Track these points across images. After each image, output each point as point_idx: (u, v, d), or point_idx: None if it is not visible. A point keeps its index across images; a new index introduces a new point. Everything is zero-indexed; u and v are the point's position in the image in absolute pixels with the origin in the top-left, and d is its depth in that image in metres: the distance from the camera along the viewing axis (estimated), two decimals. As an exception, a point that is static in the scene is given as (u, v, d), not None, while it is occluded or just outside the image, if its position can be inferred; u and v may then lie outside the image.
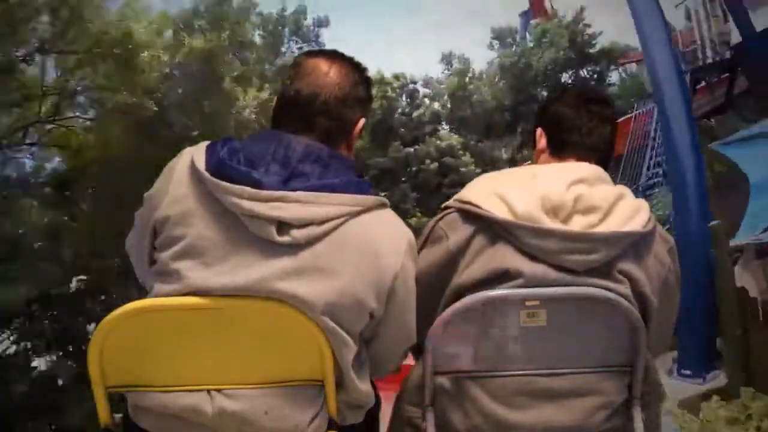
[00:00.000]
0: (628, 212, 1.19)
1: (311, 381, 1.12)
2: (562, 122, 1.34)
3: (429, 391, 1.20)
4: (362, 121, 1.26)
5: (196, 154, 1.12)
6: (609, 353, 1.18)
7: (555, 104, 1.38)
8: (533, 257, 1.14)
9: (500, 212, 1.16)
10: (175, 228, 1.09)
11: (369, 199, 1.13)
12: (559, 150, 1.34)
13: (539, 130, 1.39)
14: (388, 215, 1.18)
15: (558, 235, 1.12)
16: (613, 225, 1.15)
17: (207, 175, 1.08)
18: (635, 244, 1.18)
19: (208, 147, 1.13)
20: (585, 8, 20.85)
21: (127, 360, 1.08)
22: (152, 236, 1.14)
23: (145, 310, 1.06)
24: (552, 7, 21.64)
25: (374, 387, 1.23)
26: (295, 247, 1.07)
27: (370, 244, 1.12)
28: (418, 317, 1.22)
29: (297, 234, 1.06)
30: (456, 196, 1.26)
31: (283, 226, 1.06)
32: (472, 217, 1.19)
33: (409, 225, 1.23)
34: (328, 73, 1.20)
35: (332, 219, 1.08)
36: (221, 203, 1.07)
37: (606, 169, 1.30)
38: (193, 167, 1.11)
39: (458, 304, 1.14)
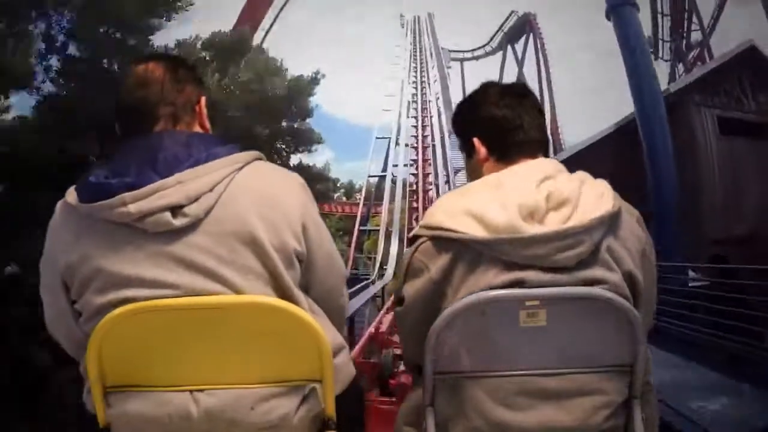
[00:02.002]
0: (595, 195, 1.17)
1: (308, 381, 1.13)
2: (502, 124, 1.29)
3: (429, 390, 1.19)
4: (203, 98, 1.29)
5: (67, 197, 1.14)
6: (609, 353, 1.16)
7: (485, 108, 1.32)
8: (522, 266, 1.12)
9: (477, 231, 1.13)
10: (83, 268, 1.09)
11: (243, 154, 1.16)
12: (506, 154, 1.29)
13: (475, 140, 1.32)
14: (268, 164, 1.22)
15: (542, 240, 1.11)
16: (587, 212, 1.14)
17: (85, 206, 1.09)
18: (611, 225, 1.16)
19: (75, 186, 1.14)
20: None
21: (125, 360, 1.09)
22: (66, 292, 1.14)
23: (144, 311, 1.06)
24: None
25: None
26: (199, 224, 1.08)
27: (265, 190, 1.15)
28: (414, 342, 1.23)
29: (193, 210, 1.07)
30: (424, 222, 1.22)
31: (176, 210, 1.07)
32: (449, 242, 1.16)
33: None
34: (147, 68, 1.24)
35: (219, 182, 1.10)
36: (111, 223, 1.07)
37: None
38: (68, 209, 1.13)
39: (458, 304, 1.13)
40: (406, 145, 24.01)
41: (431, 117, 24.89)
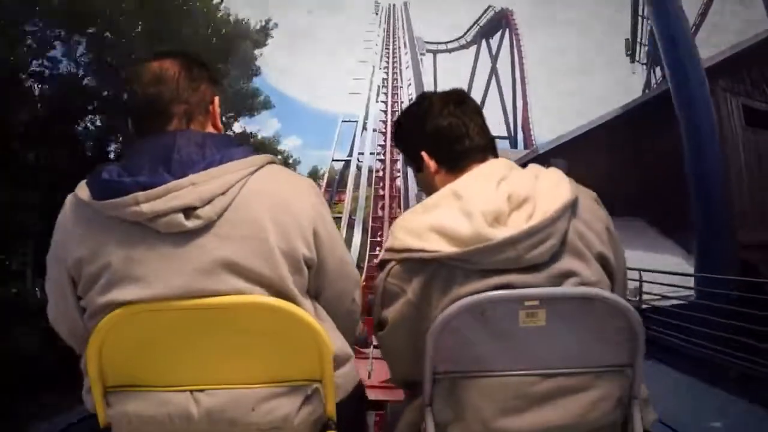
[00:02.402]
0: (551, 186, 1.17)
1: (308, 381, 1.12)
2: (449, 135, 1.29)
3: (428, 390, 1.17)
4: (217, 98, 1.28)
5: (78, 192, 1.12)
6: (609, 353, 1.16)
7: (429, 120, 1.32)
8: (497, 271, 1.12)
9: (445, 247, 1.12)
10: (92, 264, 1.08)
11: (257, 158, 1.15)
12: (456, 163, 1.29)
13: (424, 154, 1.32)
14: (281, 168, 1.21)
15: (511, 242, 1.10)
16: (547, 205, 1.13)
17: (97, 203, 1.07)
18: (573, 211, 1.17)
19: (86, 181, 1.12)
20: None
21: (125, 360, 1.07)
22: (73, 287, 1.12)
23: (145, 311, 1.04)
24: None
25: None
26: (211, 226, 1.07)
27: (278, 194, 1.14)
28: (403, 360, 1.23)
29: (206, 212, 1.06)
30: (389, 245, 1.20)
31: (189, 212, 1.06)
32: (419, 263, 1.15)
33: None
34: (162, 66, 1.22)
35: (232, 185, 1.09)
36: (124, 221, 1.06)
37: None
38: (80, 204, 1.11)
39: (455, 306, 1.12)
40: (374, 130, 22.48)
41: (401, 103, 23.56)
